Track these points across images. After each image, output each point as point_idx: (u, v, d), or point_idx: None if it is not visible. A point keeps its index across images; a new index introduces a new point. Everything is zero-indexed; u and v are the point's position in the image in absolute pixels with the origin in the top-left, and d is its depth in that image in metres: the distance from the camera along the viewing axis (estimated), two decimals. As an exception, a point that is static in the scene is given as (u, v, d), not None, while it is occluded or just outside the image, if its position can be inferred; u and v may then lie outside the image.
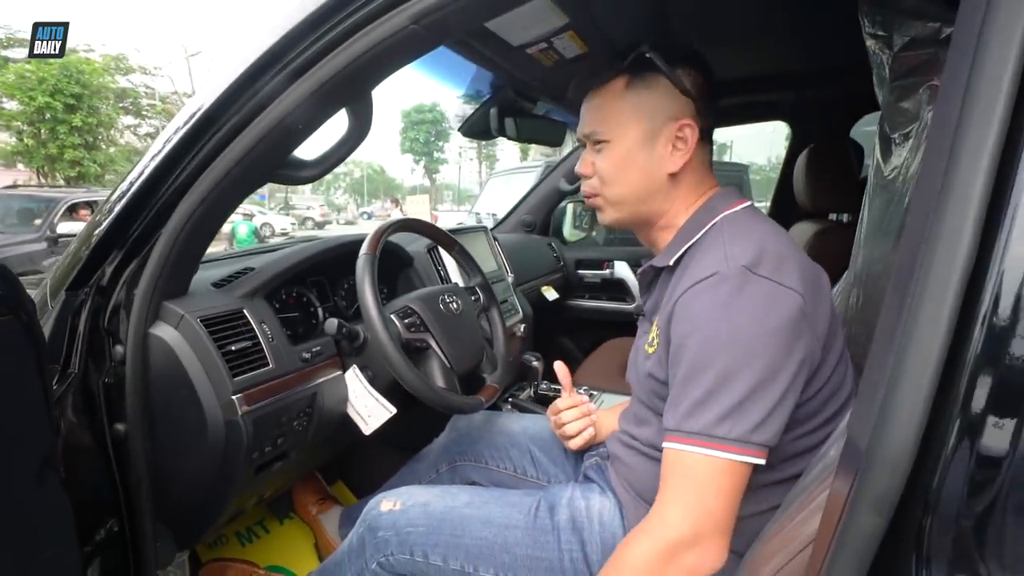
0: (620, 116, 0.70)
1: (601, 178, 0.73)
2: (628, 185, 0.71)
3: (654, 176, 0.70)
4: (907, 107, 0.60)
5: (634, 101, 0.69)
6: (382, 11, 0.61)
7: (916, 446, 0.35)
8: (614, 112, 0.70)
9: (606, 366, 1.80)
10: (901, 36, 0.59)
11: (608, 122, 0.71)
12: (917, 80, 0.57)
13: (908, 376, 0.35)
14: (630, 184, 0.71)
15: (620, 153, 0.70)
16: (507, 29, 0.81)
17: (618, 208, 0.74)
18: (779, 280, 0.57)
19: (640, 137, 0.69)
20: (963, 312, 0.34)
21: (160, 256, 0.75)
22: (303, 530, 1.31)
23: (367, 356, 0.97)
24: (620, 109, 0.70)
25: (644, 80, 0.69)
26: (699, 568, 0.56)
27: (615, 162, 0.71)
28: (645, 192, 0.71)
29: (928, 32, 0.55)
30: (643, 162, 0.70)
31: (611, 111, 0.71)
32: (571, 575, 0.70)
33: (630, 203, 0.72)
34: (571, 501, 0.75)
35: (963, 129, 0.35)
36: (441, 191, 43.45)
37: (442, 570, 0.74)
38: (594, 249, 2.38)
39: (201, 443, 0.79)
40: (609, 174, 0.72)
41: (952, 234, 0.34)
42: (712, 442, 0.55)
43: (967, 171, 0.34)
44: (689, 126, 0.68)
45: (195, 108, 0.71)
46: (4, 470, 0.61)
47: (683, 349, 0.59)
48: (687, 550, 0.56)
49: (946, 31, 0.54)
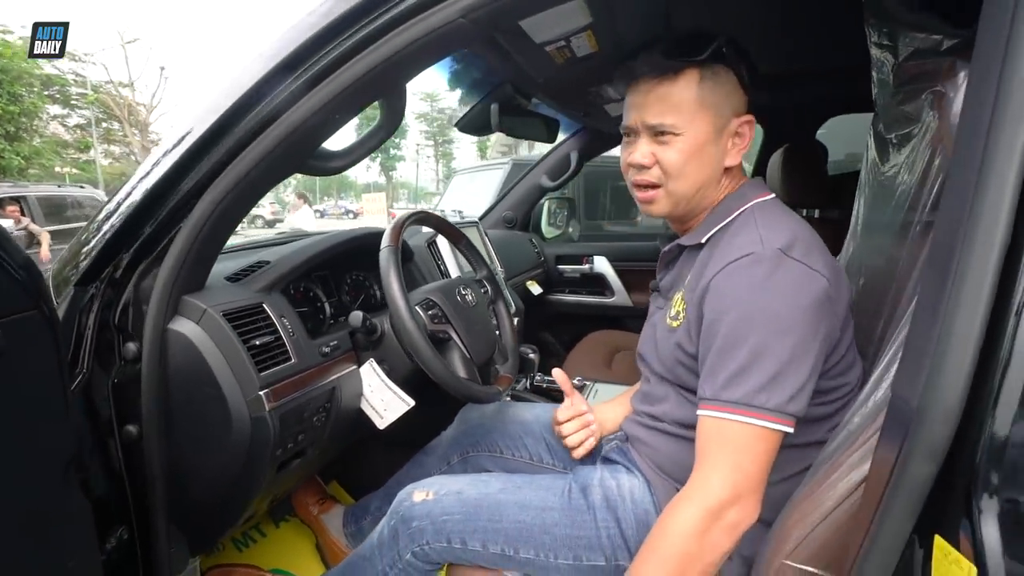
0: (693, 108, 0.69)
1: (666, 170, 0.72)
2: (694, 177, 0.71)
3: (716, 169, 0.72)
4: (908, 110, 0.67)
5: (706, 94, 0.69)
6: (430, 3, 0.62)
7: (964, 399, 0.40)
8: (687, 104, 0.69)
9: (592, 357, 1.85)
10: (905, 47, 0.66)
11: (682, 114, 0.69)
12: (920, 87, 0.64)
13: (956, 338, 0.40)
14: (695, 177, 0.71)
15: (691, 146, 0.70)
16: (536, 25, 0.83)
17: (676, 201, 0.74)
18: (809, 264, 0.62)
19: (711, 131, 0.70)
20: (1002, 280, 0.39)
21: (181, 249, 0.73)
22: (302, 532, 1.28)
23: (383, 349, 0.97)
24: (693, 101, 0.69)
25: (714, 73, 0.69)
26: (741, 523, 0.61)
27: (685, 155, 0.70)
28: (705, 185, 0.72)
29: (930, 44, 0.62)
30: (710, 156, 0.71)
31: (683, 102, 0.69)
32: (609, 550, 0.73)
33: (690, 196, 0.73)
34: (602, 481, 0.78)
35: (996, 127, 0.41)
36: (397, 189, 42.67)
37: (481, 555, 0.76)
38: (573, 245, 2.43)
39: (224, 441, 0.77)
40: (677, 167, 0.71)
41: (991, 214, 0.40)
42: (751, 411, 0.60)
43: (1003, 164, 0.40)
44: (749, 122, 0.71)
45: (223, 99, 0.69)
46: (34, 472, 0.58)
47: (720, 324, 0.63)
48: (729, 508, 0.60)
49: (947, 43, 0.60)
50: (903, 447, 0.43)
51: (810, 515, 0.59)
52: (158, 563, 0.81)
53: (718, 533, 0.60)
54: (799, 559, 0.59)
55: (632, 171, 0.76)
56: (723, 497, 0.60)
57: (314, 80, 0.67)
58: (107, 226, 0.75)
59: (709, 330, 0.65)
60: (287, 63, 0.67)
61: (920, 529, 0.43)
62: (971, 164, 0.42)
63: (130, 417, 0.77)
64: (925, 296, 0.45)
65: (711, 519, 0.60)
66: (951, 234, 0.43)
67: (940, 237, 0.46)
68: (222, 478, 0.80)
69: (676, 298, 0.74)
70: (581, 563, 0.73)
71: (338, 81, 0.66)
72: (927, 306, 0.44)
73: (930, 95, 0.62)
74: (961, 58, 0.57)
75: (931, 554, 0.43)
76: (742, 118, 0.71)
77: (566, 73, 1.12)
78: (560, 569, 0.74)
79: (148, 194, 0.72)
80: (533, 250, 2.24)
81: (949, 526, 0.41)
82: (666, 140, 0.71)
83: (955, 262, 0.42)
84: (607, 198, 3.81)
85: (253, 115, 0.69)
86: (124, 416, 0.77)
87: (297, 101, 0.67)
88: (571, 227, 2.56)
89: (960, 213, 0.42)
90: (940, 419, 0.41)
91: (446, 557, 0.78)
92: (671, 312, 0.74)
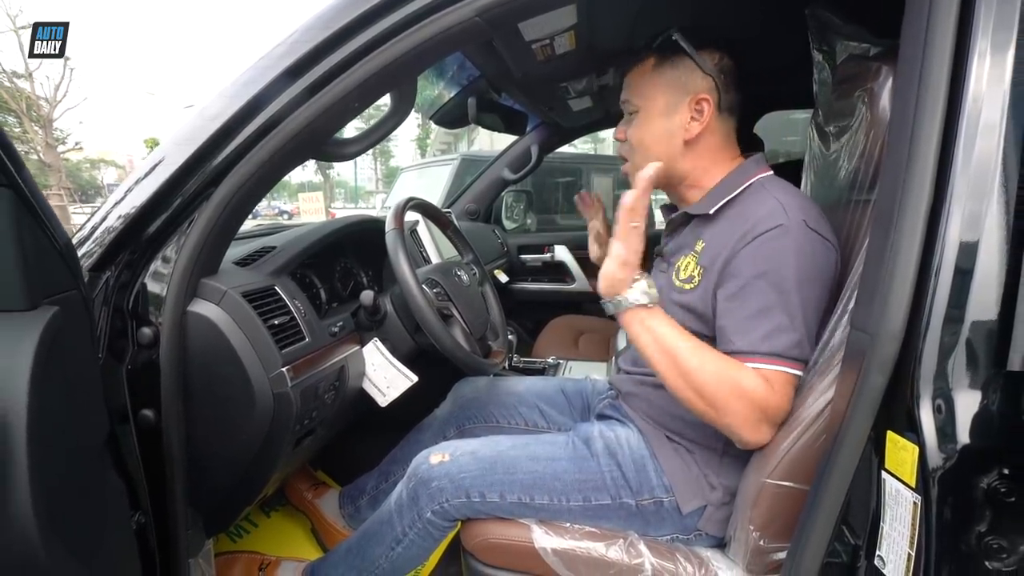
0: (647, 89, 0.84)
1: (631, 143, 0.87)
2: (650, 149, 0.84)
3: (673, 143, 0.83)
4: (844, 106, 0.81)
5: (660, 77, 0.83)
6: (448, 2, 0.68)
7: (905, 323, 0.53)
8: (643, 86, 0.84)
9: (560, 339, 1.96)
10: (841, 52, 0.80)
11: (641, 94, 0.85)
12: (853, 86, 0.78)
13: (897, 278, 0.53)
14: (652, 148, 0.84)
15: (648, 122, 0.84)
16: (529, 24, 0.91)
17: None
18: (825, 235, 0.73)
19: (662, 108, 0.83)
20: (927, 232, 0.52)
21: (201, 234, 0.75)
22: (296, 519, 1.29)
23: (385, 329, 1.01)
24: (648, 83, 0.84)
25: (671, 60, 0.82)
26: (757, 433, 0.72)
27: (641, 129, 0.85)
28: (665, 156, 0.83)
29: (861, 50, 0.77)
30: (663, 130, 0.83)
31: (641, 85, 0.85)
32: (614, 490, 0.83)
33: (664, 167, 0.82)
34: (602, 433, 0.88)
35: (919, 116, 0.54)
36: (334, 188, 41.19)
37: (499, 506, 0.83)
38: (535, 235, 2.53)
39: (246, 419, 0.79)
40: (636, 139, 0.86)
41: (919, 183, 0.53)
42: (787, 361, 0.70)
43: (925, 144, 0.53)
44: (706, 100, 0.81)
45: (244, 90, 0.72)
46: (82, 449, 0.60)
47: (752, 288, 0.72)
48: (762, 422, 0.71)
49: (874, 50, 0.75)
50: (862, 365, 0.55)
51: (785, 439, 0.72)
52: (176, 546, 0.82)
53: (741, 410, 0.69)
54: (777, 476, 0.71)
55: (618, 146, 0.91)
56: (770, 413, 0.70)
57: (334, 72, 0.71)
58: (121, 212, 0.75)
59: (739, 292, 0.73)
60: (310, 55, 0.71)
61: (876, 428, 0.56)
62: (901, 145, 0.55)
63: (146, 402, 0.77)
64: (873, 248, 0.58)
65: (753, 406, 0.70)
66: (890, 199, 0.56)
67: (882, 202, 0.59)
68: (242, 456, 0.82)
69: (684, 262, 0.83)
70: (590, 503, 0.83)
71: (358, 73, 0.71)
72: (875, 255, 0.57)
73: (862, 92, 0.75)
74: (887, 63, 0.71)
75: (884, 446, 0.55)
76: (698, 95, 0.81)
77: (542, 69, 1.20)
78: (572, 511, 0.83)
79: (166, 181, 0.73)
80: (497, 240, 2.32)
81: (897, 422, 0.54)
82: (631, 119, 0.87)
83: (894, 220, 0.54)
84: (560, 193, 3.95)
85: (274, 104, 0.72)
86: (139, 401, 0.77)
87: (317, 92, 0.71)
88: (528, 219, 2.67)
89: (895, 183, 0.55)
90: (889, 339, 0.53)
91: (465, 512, 0.85)
92: (680, 275, 0.82)
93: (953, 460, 0.51)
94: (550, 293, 2.42)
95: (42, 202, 0.54)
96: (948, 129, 0.53)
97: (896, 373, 0.54)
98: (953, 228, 0.52)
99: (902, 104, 0.57)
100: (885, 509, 0.55)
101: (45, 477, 0.50)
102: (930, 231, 0.53)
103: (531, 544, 0.82)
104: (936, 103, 0.53)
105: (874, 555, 0.57)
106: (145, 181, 0.76)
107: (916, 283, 0.53)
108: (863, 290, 0.59)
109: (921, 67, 0.54)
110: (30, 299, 0.53)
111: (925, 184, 0.53)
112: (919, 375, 0.52)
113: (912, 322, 0.53)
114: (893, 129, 0.59)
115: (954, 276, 0.51)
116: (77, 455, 0.59)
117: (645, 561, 0.79)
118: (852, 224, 0.78)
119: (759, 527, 0.73)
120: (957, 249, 0.51)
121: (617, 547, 0.81)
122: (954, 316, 0.51)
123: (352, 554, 0.95)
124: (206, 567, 0.92)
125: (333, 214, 13.07)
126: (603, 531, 0.83)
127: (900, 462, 0.53)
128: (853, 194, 0.79)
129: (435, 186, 4.17)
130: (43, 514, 0.49)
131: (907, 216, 0.54)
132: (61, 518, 0.53)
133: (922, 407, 0.52)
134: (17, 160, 0.51)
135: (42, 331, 0.52)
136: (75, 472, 0.58)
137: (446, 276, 1.04)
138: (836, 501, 0.58)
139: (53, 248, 0.56)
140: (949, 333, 0.51)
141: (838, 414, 0.59)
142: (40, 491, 0.49)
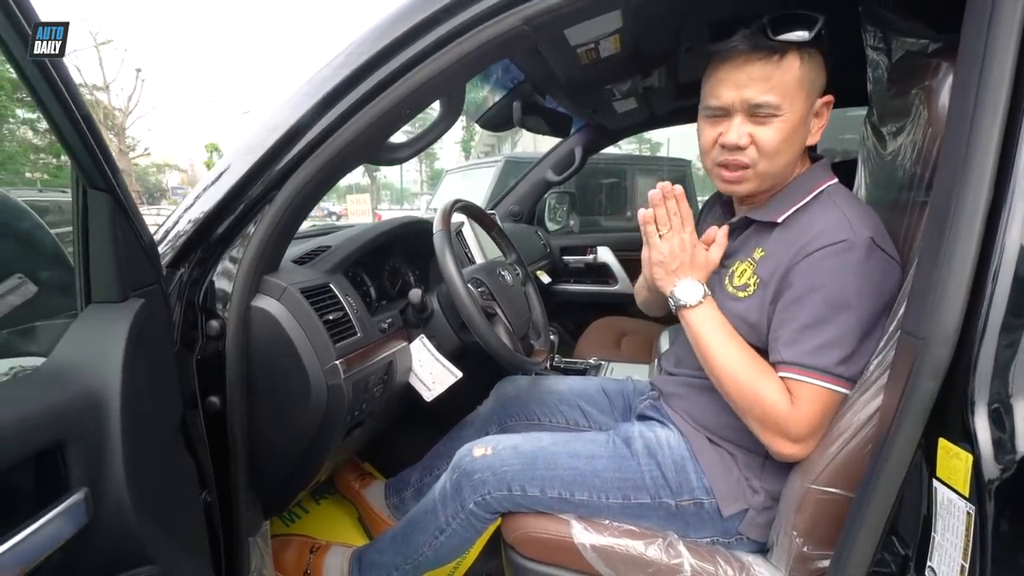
0: (794, 89, 0.72)
1: (763, 150, 0.74)
2: (785, 157, 0.75)
3: (801, 149, 0.77)
4: (900, 104, 0.78)
5: (805, 76, 0.72)
6: (495, 12, 0.71)
7: (960, 327, 0.51)
8: (790, 84, 0.72)
9: (602, 341, 1.96)
10: (897, 49, 0.77)
11: (784, 94, 0.72)
12: (910, 83, 0.75)
13: (952, 281, 0.52)
14: (787, 157, 0.75)
15: (790, 126, 0.73)
16: (575, 29, 0.92)
17: (765, 179, 0.77)
18: (891, 253, 0.71)
19: (806, 112, 0.74)
20: (986, 235, 0.51)
21: (264, 233, 0.81)
22: (344, 507, 1.36)
23: (432, 327, 1.05)
24: (795, 81, 0.72)
25: (811, 56, 0.73)
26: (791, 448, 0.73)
27: (784, 135, 0.73)
28: (791, 164, 0.77)
29: (919, 47, 0.74)
30: (801, 136, 0.75)
31: (786, 83, 0.72)
32: (653, 489, 0.83)
33: (777, 175, 0.77)
34: (642, 433, 0.88)
35: (978, 115, 0.52)
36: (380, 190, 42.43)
37: (540, 500, 0.85)
38: (577, 236, 2.53)
39: (303, 408, 0.85)
40: (775, 146, 0.73)
41: (977, 184, 0.51)
42: (832, 378, 0.70)
43: (984, 145, 0.51)
44: (828, 103, 0.76)
45: (304, 100, 0.77)
46: (160, 430, 0.66)
47: (808, 301, 0.71)
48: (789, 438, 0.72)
49: (933, 46, 0.72)
50: (912, 369, 0.54)
51: (832, 445, 0.70)
52: (238, 525, 0.88)
53: (757, 419, 0.73)
54: (823, 482, 0.70)
55: (718, 151, 0.77)
56: (789, 430, 0.71)
57: (389, 80, 0.75)
58: (194, 214, 0.83)
59: (795, 304, 0.72)
60: (364, 67, 0.75)
61: (927, 435, 0.54)
62: (959, 143, 0.54)
63: (212, 389, 0.84)
64: (927, 250, 0.56)
65: (775, 426, 0.72)
66: (946, 199, 0.54)
67: (937, 201, 0.57)
68: (298, 442, 0.88)
69: (740, 268, 0.81)
70: (629, 501, 0.83)
71: (411, 81, 0.75)
72: (929, 257, 0.55)
73: (920, 91, 0.73)
74: (946, 59, 0.69)
75: (935, 453, 0.54)
76: (824, 98, 0.76)
77: (586, 72, 1.22)
78: (611, 508, 0.84)
79: (232, 188, 0.80)
80: (540, 242, 2.34)
81: (951, 430, 0.52)
82: (764, 120, 0.73)
83: (949, 220, 0.53)
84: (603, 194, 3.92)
85: (331, 113, 0.77)
86: (206, 389, 0.84)
87: (373, 99, 0.76)
88: (571, 220, 2.67)
89: (952, 182, 0.53)
90: (941, 344, 0.52)
91: (506, 505, 0.87)
92: (735, 281, 0.81)
93: (1011, 471, 0.49)
94: (593, 295, 2.41)
95: (132, 204, 0.60)
96: (1010, 125, 0.51)
97: (948, 379, 0.52)
98: (1014, 230, 0.50)
99: (961, 100, 0.55)
100: (936, 519, 0.54)
101: (134, 451, 0.56)
102: (988, 232, 0.51)
103: (570, 539, 0.83)
104: (998, 98, 0.51)
105: (925, 566, 0.55)
106: (212, 188, 0.83)
107: (972, 286, 0.51)
108: (915, 293, 0.57)
109: (983, 61, 0.53)
110: (122, 292, 0.60)
111: (984, 183, 0.51)
112: (974, 381, 0.50)
113: (967, 327, 0.51)
114: (951, 126, 0.57)
115: (1014, 280, 0.49)
116: (158, 434, 0.66)
117: (684, 562, 0.79)
118: (909, 227, 0.76)
119: (803, 533, 0.72)
120: (1018, 252, 0.49)
121: (656, 546, 0.81)
122: (1012, 323, 0.49)
123: (397, 541, 0.99)
124: (263, 546, 0.99)
125: (379, 215, 13.48)
126: (642, 529, 0.84)
127: (952, 471, 0.51)
128: (911, 195, 0.76)
129: (479, 188, 4.24)
130: (134, 485, 0.55)
131: (963, 216, 0.52)
132: (147, 490, 0.59)
133: (977, 415, 0.50)
134: (114, 167, 0.57)
135: (132, 321, 0.59)
136: (157, 449, 0.65)
137: (490, 276, 1.07)
138: (883, 509, 0.57)
139: (140, 246, 0.63)
140: (1007, 339, 0.49)
141: (887, 420, 0.57)
142: (131, 463, 0.55)
